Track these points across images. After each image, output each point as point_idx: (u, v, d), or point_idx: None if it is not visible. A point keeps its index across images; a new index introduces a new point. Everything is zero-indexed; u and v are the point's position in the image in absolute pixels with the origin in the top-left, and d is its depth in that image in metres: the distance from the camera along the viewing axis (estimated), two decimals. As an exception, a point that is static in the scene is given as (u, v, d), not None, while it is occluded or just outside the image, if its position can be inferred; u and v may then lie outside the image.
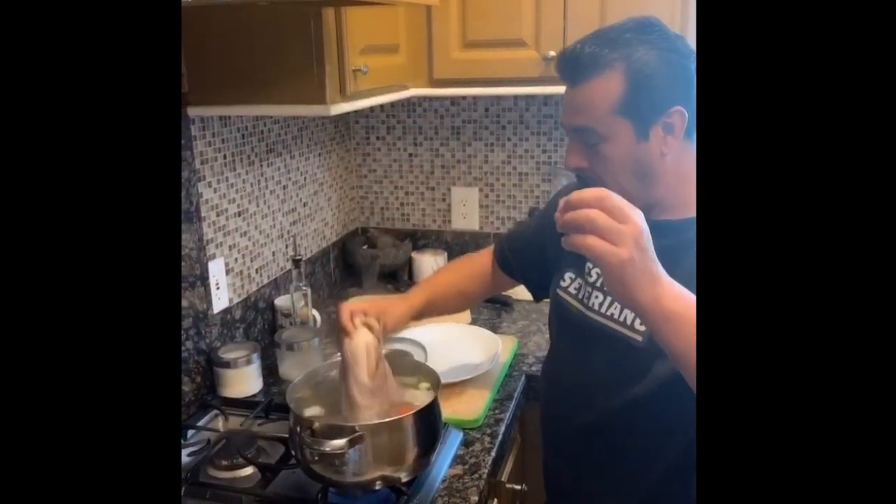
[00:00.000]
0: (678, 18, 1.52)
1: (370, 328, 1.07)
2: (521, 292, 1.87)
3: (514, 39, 1.60)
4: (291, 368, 1.44)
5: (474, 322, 1.74)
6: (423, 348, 1.44)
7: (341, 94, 1.26)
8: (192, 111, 1.31)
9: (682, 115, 0.93)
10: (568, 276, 1.12)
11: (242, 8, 1.18)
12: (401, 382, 1.15)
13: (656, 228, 0.78)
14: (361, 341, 1.05)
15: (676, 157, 0.96)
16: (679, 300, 0.75)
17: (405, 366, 1.20)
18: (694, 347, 0.74)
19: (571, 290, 1.11)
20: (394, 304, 1.19)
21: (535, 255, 1.24)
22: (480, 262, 1.35)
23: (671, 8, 1.51)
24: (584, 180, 1.00)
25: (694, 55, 0.96)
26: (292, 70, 1.22)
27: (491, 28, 1.61)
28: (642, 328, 0.99)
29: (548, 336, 1.42)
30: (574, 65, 0.96)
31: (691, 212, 0.97)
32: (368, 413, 1.03)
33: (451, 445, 1.19)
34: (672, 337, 0.75)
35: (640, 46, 0.93)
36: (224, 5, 1.18)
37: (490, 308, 1.85)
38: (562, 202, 0.76)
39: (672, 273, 0.77)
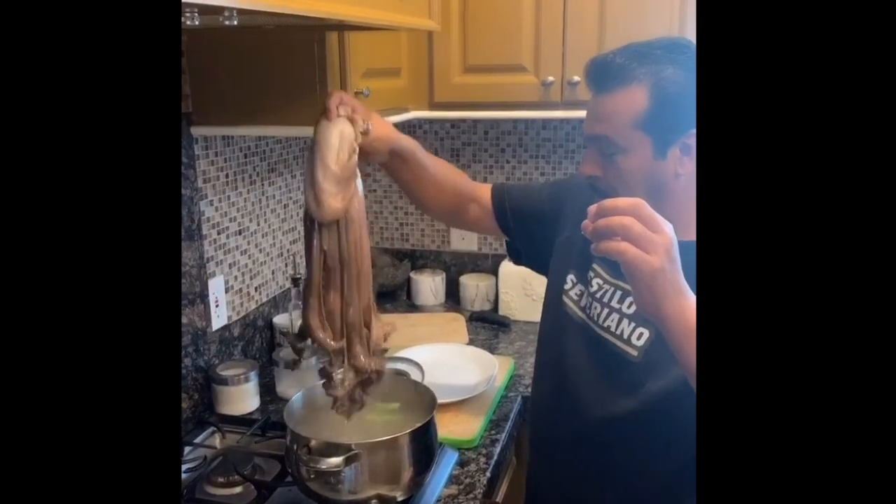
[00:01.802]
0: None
1: (352, 122, 0.98)
2: (518, 313, 1.90)
3: (514, 65, 1.63)
4: (289, 387, 1.44)
5: (471, 342, 1.75)
6: (420, 368, 1.45)
7: (343, 115, 1.28)
8: (196, 131, 1.33)
9: None
10: (570, 279, 1.12)
11: (247, 31, 1.20)
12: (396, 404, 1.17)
13: None
14: (337, 128, 0.96)
15: (690, 178, 0.96)
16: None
17: (402, 385, 1.21)
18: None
19: (573, 295, 1.11)
20: (384, 121, 1.13)
21: (532, 221, 1.23)
22: (476, 187, 1.29)
23: (668, 30, 1.54)
24: (597, 189, 1.01)
25: None
26: (296, 92, 1.24)
27: (491, 53, 1.64)
28: (639, 343, 1.00)
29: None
30: (602, 73, 0.97)
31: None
32: (331, 200, 0.93)
33: (446, 465, 1.20)
34: (692, 351, 0.76)
35: (670, 65, 0.93)
36: (229, 28, 1.21)
37: (487, 329, 1.86)
38: (593, 209, 0.77)
39: None
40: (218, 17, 0.73)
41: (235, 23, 0.72)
